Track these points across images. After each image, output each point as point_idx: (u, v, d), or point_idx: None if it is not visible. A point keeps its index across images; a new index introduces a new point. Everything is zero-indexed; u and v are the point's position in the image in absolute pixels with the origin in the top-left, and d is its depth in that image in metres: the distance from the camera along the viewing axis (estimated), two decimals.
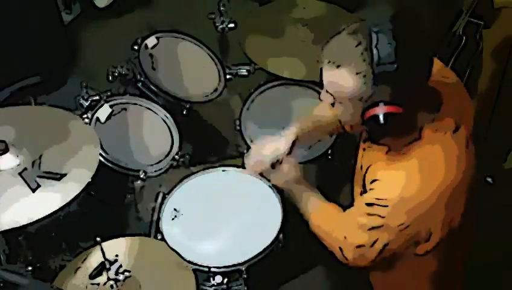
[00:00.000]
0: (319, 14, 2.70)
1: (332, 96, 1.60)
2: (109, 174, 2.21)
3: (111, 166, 2.22)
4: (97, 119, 2.31)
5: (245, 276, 1.93)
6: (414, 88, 1.53)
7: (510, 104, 2.73)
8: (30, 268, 2.14)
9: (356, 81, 1.51)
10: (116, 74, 2.50)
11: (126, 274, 1.80)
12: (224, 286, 1.92)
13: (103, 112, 2.32)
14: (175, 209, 2.09)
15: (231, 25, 2.69)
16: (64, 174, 1.82)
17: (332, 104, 1.63)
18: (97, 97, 2.39)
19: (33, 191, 1.78)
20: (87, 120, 2.28)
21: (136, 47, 2.49)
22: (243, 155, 2.19)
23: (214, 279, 1.91)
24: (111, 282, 1.79)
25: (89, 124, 2.27)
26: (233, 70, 2.70)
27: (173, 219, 2.06)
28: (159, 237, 2.00)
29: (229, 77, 2.66)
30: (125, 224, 2.47)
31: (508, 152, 2.85)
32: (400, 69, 1.47)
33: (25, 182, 1.79)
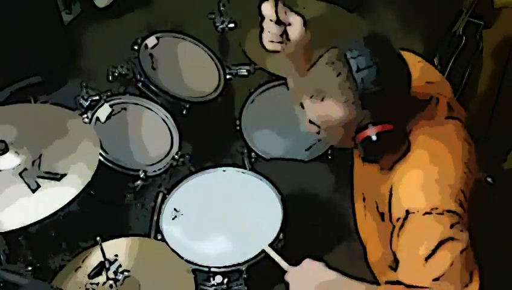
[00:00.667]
0: (319, 14, 2.70)
1: (317, 126, 1.62)
2: (109, 174, 2.21)
3: (111, 166, 2.22)
4: (97, 119, 2.31)
5: (245, 276, 1.93)
6: (399, 102, 1.55)
7: (510, 104, 2.73)
8: (30, 268, 2.14)
9: (345, 110, 1.53)
10: (116, 74, 2.50)
11: (125, 274, 1.80)
12: (224, 286, 1.92)
13: (103, 111, 2.32)
14: (175, 209, 2.09)
15: (231, 25, 2.69)
16: (64, 175, 1.82)
17: (318, 133, 1.65)
18: (97, 97, 2.39)
19: (33, 191, 1.78)
20: (87, 120, 2.29)
21: (136, 47, 2.48)
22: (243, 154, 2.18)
23: (214, 279, 1.91)
24: (110, 282, 1.78)
25: (89, 123, 2.27)
26: (233, 70, 2.70)
27: (173, 219, 2.07)
28: (159, 237, 2.00)
29: (229, 77, 2.66)
30: (125, 224, 2.47)
31: (508, 152, 2.84)
32: (384, 88, 1.49)
33: (25, 182, 1.79)
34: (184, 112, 2.45)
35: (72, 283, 1.83)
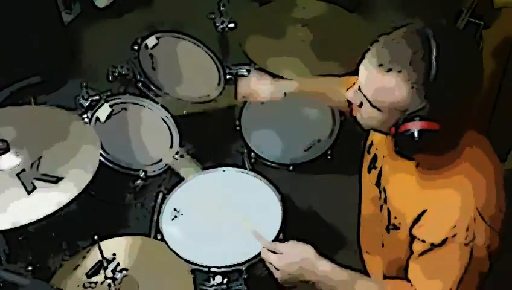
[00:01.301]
0: (319, 14, 2.70)
1: (365, 98, 1.47)
2: (109, 174, 2.21)
3: (111, 166, 2.22)
4: (97, 119, 2.31)
5: (245, 276, 1.93)
6: (462, 108, 1.43)
7: (510, 104, 2.73)
8: (30, 268, 2.14)
9: (407, 92, 1.39)
10: (116, 74, 2.50)
11: (124, 273, 1.80)
12: (224, 286, 1.92)
13: (103, 111, 2.32)
14: (175, 210, 2.09)
15: (231, 25, 2.69)
16: (61, 178, 1.81)
17: (360, 105, 1.51)
18: (97, 97, 2.39)
19: (28, 193, 1.78)
20: (87, 120, 2.29)
21: (136, 47, 2.48)
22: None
23: (213, 279, 1.91)
24: (108, 281, 1.78)
25: (89, 123, 2.27)
26: (233, 70, 2.70)
27: (173, 219, 2.06)
28: (159, 237, 2.00)
29: (229, 77, 2.66)
30: (125, 224, 2.47)
31: (508, 152, 2.84)
32: (457, 87, 1.38)
33: (22, 183, 1.79)
34: (184, 112, 2.45)
35: (70, 282, 1.83)
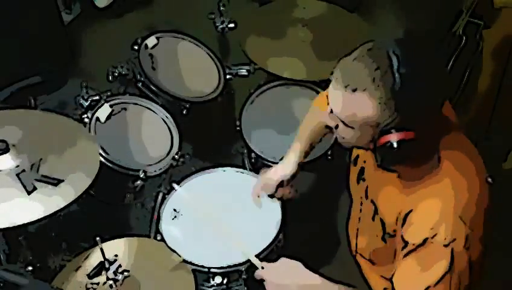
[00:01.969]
0: (319, 14, 2.70)
1: (339, 119, 1.52)
2: (109, 174, 2.21)
3: (111, 166, 2.22)
4: (97, 119, 2.31)
5: (245, 276, 1.93)
6: (434, 115, 1.48)
7: (510, 104, 2.73)
8: (30, 268, 2.14)
9: (376, 108, 1.43)
10: (116, 74, 2.50)
11: (125, 274, 1.80)
12: (224, 286, 1.92)
13: (103, 111, 2.32)
14: (175, 210, 2.09)
15: (231, 25, 2.69)
16: (62, 180, 1.82)
17: (336, 127, 1.56)
18: (97, 97, 2.39)
19: (28, 193, 1.78)
20: (87, 120, 2.29)
21: (136, 47, 2.49)
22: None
23: (213, 279, 1.91)
24: (110, 282, 1.78)
25: (89, 124, 2.27)
26: (233, 70, 2.71)
27: (173, 219, 2.07)
28: (159, 238, 2.00)
29: (229, 77, 2.66)
30: (125, 224, 2.47)
31: (508, 152, 2.85)
32: (422, 95, 1.41)
33: (22, 184, 1.79)
34: (184, 112, 2.45)
35: (72, 283, 1.83)
